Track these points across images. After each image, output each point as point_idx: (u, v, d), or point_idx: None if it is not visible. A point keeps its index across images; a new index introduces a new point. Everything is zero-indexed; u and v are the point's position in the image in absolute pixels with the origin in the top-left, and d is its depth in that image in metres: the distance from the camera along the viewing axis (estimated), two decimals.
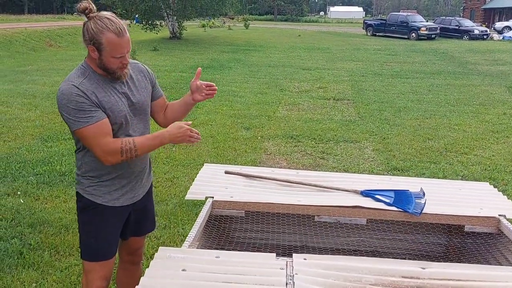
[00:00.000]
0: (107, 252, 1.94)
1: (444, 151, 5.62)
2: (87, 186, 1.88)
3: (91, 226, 1.91)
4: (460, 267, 1.75)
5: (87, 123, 1.69)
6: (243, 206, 2.30)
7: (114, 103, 1.78)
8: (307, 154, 5.44)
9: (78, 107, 1.68)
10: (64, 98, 1.69)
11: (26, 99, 8.06)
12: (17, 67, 12.71)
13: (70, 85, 1.70)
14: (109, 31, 1.66)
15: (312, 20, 63.73)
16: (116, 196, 1.90)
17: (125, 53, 1.73)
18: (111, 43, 1.67)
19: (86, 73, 1.75)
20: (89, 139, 1.73)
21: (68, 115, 1.69)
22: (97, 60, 1.73)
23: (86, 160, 1.85)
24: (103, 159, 1.76)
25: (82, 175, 1.89)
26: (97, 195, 1.88)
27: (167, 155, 5.20)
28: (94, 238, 1.91)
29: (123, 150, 1.75)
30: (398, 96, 9.22)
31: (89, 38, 1.69)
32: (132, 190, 1.95)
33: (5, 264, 2.91)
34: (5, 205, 3.78)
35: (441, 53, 18.24)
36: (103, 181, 1.87)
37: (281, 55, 17.10)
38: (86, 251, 1.93)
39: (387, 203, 2.26)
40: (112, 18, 1.69)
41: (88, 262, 1.93)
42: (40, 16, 35.98)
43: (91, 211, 1.89)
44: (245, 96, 8.90)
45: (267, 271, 1.68)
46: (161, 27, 22.91)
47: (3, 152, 5.18)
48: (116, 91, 1.80)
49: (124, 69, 1.78)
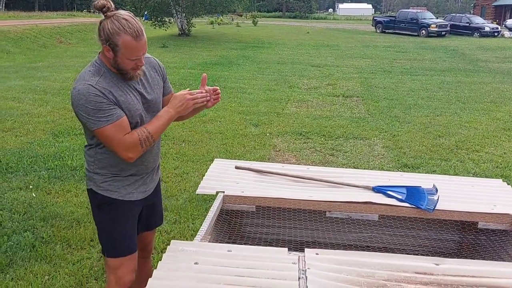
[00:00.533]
0: (132, 246, 1.92)
1: (455, 148, 5.57)
2: (101, 182, 1.85)
3: (112, 222, 1.89)
4: (474, 263, 1.73)
5: (107, 122, 1.67)
6: (254, 201, 2.30)
7: (131, 102, 1.76)
8: (316, 151, 5.42)
9: (97, 107, 1.65)
10: (82, 98, 1.65)
11: (37, 95, 8.13)
12: (28, 63, 12.83)
13: (86, 85, 1.66)
14: (126, 33, 1.62)
15: (321, 17, 63.50)
16: (130, 190, 1.90)
17: (141, 55, 1.70)
18: (127, 46, 1.64)
19: (101, 71, 1.72)
20: (110, 138, 1.70)
21: (87, 115, 1.66)
22: (111, 60, 1.70)
23: (99, 157, 1.83)
24: (124, 157, 1.74)
25: (94, 172, 1.86)
26: (112, 190, 1.86)
27: (177, 151, 5.22)
28: (117, 233, 1.89)
29: (141, 141, 1.74)
30: (408, 93, 9.15)
31: (104, 38, 1.65)
32: (144, 184, 1.96)
33: (18, 257, 2.94)
34: (17, 198, 3.83)
35: (452, 50, 18.07)
36: (118, 176, 1.86)
37: (289, 52, 17.05)
38: (112, 249, 1.90)
39: (399, 199, 2.24)
40: (130, 19, 1.65)
41: (115, 259, 1.90)
42: (50, 13, 36.22)
43: (108, 207, 1.87)
44: (253, 93, 8.90)
45: (279, 266, 1.68)
46: (170, 24, 22.96)
47: (16, 146, 5.23)
48: (131, 88, 1.78)
49: (138, 69, 1.75)
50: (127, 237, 1.91)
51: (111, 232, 1.90)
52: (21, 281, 2.70)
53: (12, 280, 2.71)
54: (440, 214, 2.19)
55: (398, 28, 27.44)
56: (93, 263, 2.90)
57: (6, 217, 3.49)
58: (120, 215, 1.89)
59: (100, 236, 1.95)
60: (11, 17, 27.21)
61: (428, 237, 2.54)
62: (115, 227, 1.89)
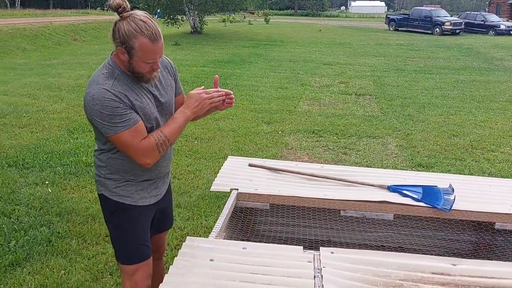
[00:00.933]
0: (147, 251, 1.88)
1: (470, 148, 5.50)
2: (114, 187, 1.79)
3: (127, 228, 1.83)
4: (492, 264, 1.71)
5: (124, 128, 1.60)
6: (267, 199, 2.30)
7: (146, 106, 1.68)
8: (329, 149, 5.40)
9: (113, 112, 1.57)
10: (97, 104, 1.57)
11: (52, 92, 8.23)
12: (43, 60, 12.99)
13: (101, 89, 1.58)
14: (143, 35, 1.54)
15: (333, 14, 63.08)
16: (144, 195, 1.84)
17: (157, 59, 1.62)
18: (144, 49, 1.55)
19: (114, 74, 1.63)
20: (126, 144, 1.63)
21: (102, 120, 1.58)
22: (125, 63, 1.61)
23: (112, 162, 1.76)
24: (142, 163, 1.68)
25: (105, 177, 1.79)
26: (125, 196, 1.79)
27: (190, 148, 5.25)
28: (133, 239, 1.84)
29: (158, 145, 1.68)
30: (421, 92, 9.06)
31: (120, 40, 1.56)
32: (156, 188, 1.90)
33: (34, 251, 2.99)
34: (34, 194, 3.88)
35: (466, 48, 17.83)
36: (130, 180, 1.80)
37: (301, 50, 16.99)
38: (128, 255, 1.84)
39: (415, 198, 2.23)
40: (147, 20, 1.56)
41: (131, 266, 1.84)
42: (64, 11, 36.62)
43: (121, 212, 1.81)
44: (265, 90, 8.89)
45: (294, 264, 1.68)
46: (182, 22, 23.04)
47: (31, 142, 5.31)
48: (146, 91, 1.70)
49: (154, 72, 1.67)
50: (142, 243, 1.86)
51: (126, 239, 1.84)
52: (37, 275, 2.75)
53: (29, 274, 2.76)
54: (457, 214, 2.16)
55: (412, 26, 27.15)
56: (108, 258, 2.93)
57: (23, 212, 3.55)
58: (134, 221, 1.83)
59: (113, 241, 1.89)
60: (27, 15, 27.57)
61: (444, 238, 2.52)
62: (130, 234, 1.83)
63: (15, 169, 4.46)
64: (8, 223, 3.35)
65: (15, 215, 3.50)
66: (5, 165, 4.53)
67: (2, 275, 2.74)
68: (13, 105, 7.04)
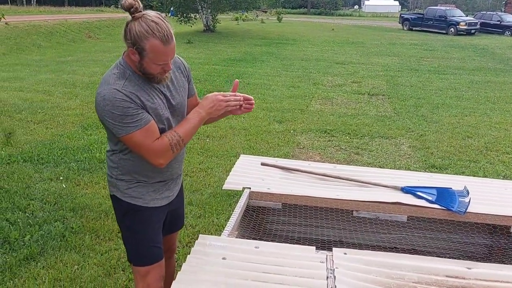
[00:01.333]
0: (159, 253, 1.87)
1: (485, 150, 5.43)
2: (126, 188, 1.78)
3: (139, 230, 1.83)
4: (507, 268, 1.69)
5: (136, 128, 1.58)
6: (280, 198, 2.30)
7: (158, 106, 1.67)
8: (341, 149, 5.37)
9: (124, 112, 1.56)
10: (108, 104, 1.55)
11: (67, 88, 8.33)
12: (58, 57, 13.14)
13: (112, 89, 1.56)
14: (155, 37, 1.51)
15: (346, 13, 62.70)
16: (155, 197, 1.83)
17: (169, 60, 1.59)
18: (155, 51, 1.53)
19: (125, 74, 1.61)
20: (138, 144, 1.62)
21: (113, 121, 1.57)
22: (136, 63, 1.59)
23: (123, 163, 1.75)
24: (155, 163, 1.67)
25: (117, 178, 1.78)
26: (137, 197, 1.78)
27: (201, 146, 5.27)
28: (145, 241, 1.83)
29: (172, 146, 1.66)
30: (435, 92, 8.96)
31: (131, 41, 1.54)
32: (169, 189, 1.89)
33: (48, 246, 3.03)
34: (48, 189, 3.94)
35: (481, 49, 17.57)
36: (142, 182, 1.79)
37: (314, 49, 16.92)
38: (140, 257, 1.84)
39: (429, 200, 2.21)
40: (160, 21, 1.53)
41: (143, 267, 1.84)
42: (79, 8, 37.02)
43: (133, 214, 1.81)
44: (277, 89, 8.88)
45: (307, 264, 1.68)
46: (195, 20, 23.11)
47: (46, 138, 5.38)
48: (158, 91, 1.68)
49: (166, 73, 1.65)
50: (154, 245, 1.85)
51: (137, 240, 1.83)
52: (51, 270, 2.78)
53: (43, 268, 2.80)
54: (472, 217, 2.14)
55: (426, 25, 26.85)
56: (120, 254, 2.96)
57: (37, 207, 3.60)
58: (146, 223, 1.82)
59: (125, 242, 1.89)
60: (42, 12, 27.94)
61: (458, 240, 2.49)
62: (141, 235, 1.83)
63: (30, 164, 4.52)
64: (23, 218, 3.40)
65: (30, 209, 3.55)
66: (21, 160, 4.60)
67: (17, 268, 2.78)
68: (28, 101, 7.14)
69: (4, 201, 3.67)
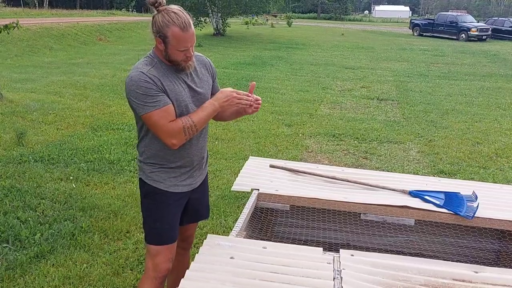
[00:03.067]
0: (172, 235, 2.00)
1: (495, 156, 5.39)
2: (150, 172, 1.94)
3: (155, 211, 1.97)
4: None
5: (154, 108, 1.75)
6: (288, 200, 2.31)
7: (178, 93, 1.83)
8: (349, 153, 5.37)
9: (146, 92, 1.74)
10: (133, 84, 1.75)
11: (78, 90, 8.43)
12: (69, 59, 13.30)
13: (138, 72, 1.77)
14: (174, 25, 1.71)
15: (356, 19, 62.65)
16: (176, 182, 1.97)
17: (189, 46, 1.77)
18: (175, 37, 1.72)
19: (153, 62, 1.82)
20: (155, 123, 1.78)
21: (136, 100, 1.76)
22: (163, 52, 1.79)
23: (150, 147, 1.92)
24: (168, 143, 1.81)
25: (144, 162, 1.95)
26: (159, 181, 1.94)
27: (210, 148, 5.29)
28: (159, 222, 1.97)
29: (185, 129, 1.80)
30: (445, 98, 8.91)
31: (156, 31, 1.75)
32: (191, 177, 2.02)
33: (58, 244, 3.07)
34: (58, 189, 3.99)
35: (492, 55, 17.44)
36: (165, 167, 1.94)
37: (323, 53, 16.93)
38: (153, 236, 1.99)
39: (437, 204, 2.21)
40: (179, 12, 1.74)
41: (154, 246, 1.98)
42: (91, 11, 37.41)
43: (154, 196, 1.96)
44: (286, 93, 8.90)
45: (314, 265, 1.69)
46: (206, 24, 23.26)
47: (57, 139, 5.45)
48: (181, 81, 1.86)
49: (189, 61, 1.83)
50: (168, 227, 1.98)
51: (153, 220, 1.98)
52: (61, 268, 2.82)
53: (53, 266, 2.84)
54: (480, 221, 2.13)
55: (437, 31, 26.72)
56: (128, 254, 2.99)
57: (48, 206, 3.65)
58: (164, 205, 1.96)
59: (143, 223, 2.03)
60: (54, 14, 28.29)
61: (466, 245, 2.48)
62: (158, 216, 1.97)
63: (41, 164, 4.58)
64: (33, 216, 3.45)
65: (40, 208, 3.60)
66: (32, 160, 4.66)
67: (28, 266, 2.82)
68: (40, 102, 7.24)
69: (15, 200, 3.73)
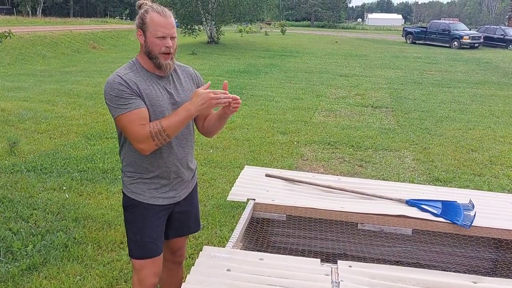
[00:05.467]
0: (154, 248, 1.94)
1: (489, 163, 5.41)
2: (129, 183, 1.92)
3: (135, 224, 1.93)
4: None
5: (126, 110, 1.73)
6: (284, 210, 2.29)
7: (155, 97, 1.81)
8: (345, 161, 5.36)
9: (118, 94, 1.74)
10: (108, 87, 1.76)
11: (71, 98, 8.38)
12: (62, 67, 13.25)
13: (115, 75, 1.77)
14: (153, 11, 1.76)
15: (350, 26, 63.13)
16: (156, 195, 1.92)
17: (167, 34, 1.77)
18: (153, 22, 1.75)
19: (134, 67, 1.82)
20: (125, 127, 1.76)
21: (110, 102, 1.76)
22: (143, 46, 1.80)
23: (128, 154, 1.90)
24: (136, 147, 1.79)
25: (124, 171, 1.93)
26: (137, 193, 1.91)
27: (205, 157, 5.27)
28: (140, 235, 1.92)
29: (152, 134, 1.74)
30: (439, 105, 8.96)
31: (137, 23, 1.79)
32: (173, 190, 1.96)
33: (51, 256, 3.02)
34: (51, 199, 3.93)
35: (485, 62, 17.62)
36: (143, 178, 1.90)
37: (317, 61, 17.01)
38: (134, 249, 1.95)
39: (434, 213, 2.19)
40: (159, 5, 1.80)
41: (138, 260, 1.95)
42: (84, 19, 37.40)
43: (133, 209, 1.93)
44: (281, 101, 8.91)
45: (312, 277, 1.67)
46: (200, 32, 23.31)
47: (50, 148, 5.40)
48: (159, 86, 1.83)
49: (167, 57, 1.79)
50: (150, 240, 1.93)
51: (134, 234, 1.94)
52: (54, 280, 2.77)
53: (45, 279, 2.78)
54: (477, 230, 2.12)
55: (429, 39, 26.99)
56: (122, 265, 2.94)
57: (40, 217, 3.59)
58: (143, 218, 1.92)
59: (126, 236, 2.00)
60: (47, 23, 28.24)
61: (463, 254, 2.47)
62: (138, 229, 1.93)
63: (33, 174, 4.53)
64: (26, 227, 3.39)
65: (32, 219, 3.55)
66: (24, 170, 4.61)
67: (19, 279, 2.77)
68: (32, 111, 7.18)
69: (7, 210, 3.67)
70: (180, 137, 1.91)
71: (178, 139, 1.91)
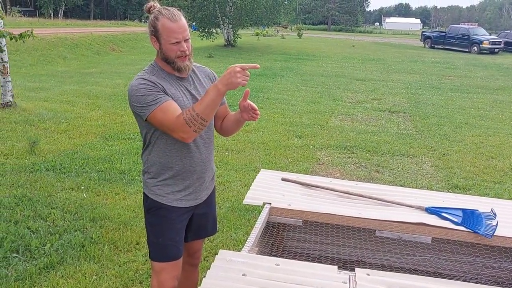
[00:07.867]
0: (176, 251, 1.94)
1: (510, 171, 5.29)
2: (152, 186, 1.91)
3: (158, 226, 1.93)
4: None
5: (157, 105, 1.73)
6: (301, 215, 2.27)
7: (179, 97, 1.82)
8: (361, 166, 5.31)
9: (145, 93, 1.74)
10: (133, 90, 1.76)
11: (90, 100, 8.50)
12: (82, 69, 13.46)
13: (138, 79, 1.79)
14: (163, 17, 1.75)
15: (367, 30, 62.75)
16: (179, 197, 1.92)
17: (180, 39, 1.76)
18: (165, 28, 1.74)
19: (154, 70, 1.83)
20: (160, 121, 1.75)
21: (138, 104, 1.75)
22: (159, 52, 1.81)
23: (152, 154, 1.89)
24: (177, 137, 1.76)
25: (147, 172, 1.92)
26: (161, 195, 1.90)
27: (220, 159, 5.27)
28: (162, 237, 1.92)
29: (187, 121, 1.72)
30: (458, 111, 8.82)
31: (150, 30, 1.79)
32: (195, 192, 1.96)
33: (68, 255, 3.05)
34: (69, 198, 3.99)
35: (505, 68, 17.28)
36: (166, 180, 1.89)
37: (334, 65, 16.92)
38: (156, 252, 1.95)
39: (454, 222, 2.15)
40: (169, 7, 1.78)
41: (158, 263, 1.94)
42: (104, 22, 37.99)
43: (156, 211, 1.92)
44: (297, 104, 8.88)
45: (329, 284, 1.64)
46: (217, 35, 23.44)
47: (69, 148, 5.48)
48: (182, 87, 1.86)
49: (184, 59, 1.80)
50: (172, 243, 1.93)
51: (156, 236, 1.94)
52: (70, 279, 2.80)
53: (62, 278, 2.81)
54: (499, 240, 2.07)
55: (448, 43, 26.64)
56: (138, 266, 2.96)
57: (58, 216, 3.64)
58: (166, 220, 1.92)
59: (147, 238, 1.99)
60: (69, 25, 28.74)
61: (485, 265, 2.41)
62: (160, 232, 1.92)
63: (52, 173, 4.60)
64: (44, 226, 3.44)
65: (51, 218, 3.60)
66: (43, 169, 4.68)
67: (37, 277, 2.80)
68: (53, 111, 7.30)
69: (26, 209, 3.73)
70: (204, 137, 1.93)
71: (203, 139, 1.93)
